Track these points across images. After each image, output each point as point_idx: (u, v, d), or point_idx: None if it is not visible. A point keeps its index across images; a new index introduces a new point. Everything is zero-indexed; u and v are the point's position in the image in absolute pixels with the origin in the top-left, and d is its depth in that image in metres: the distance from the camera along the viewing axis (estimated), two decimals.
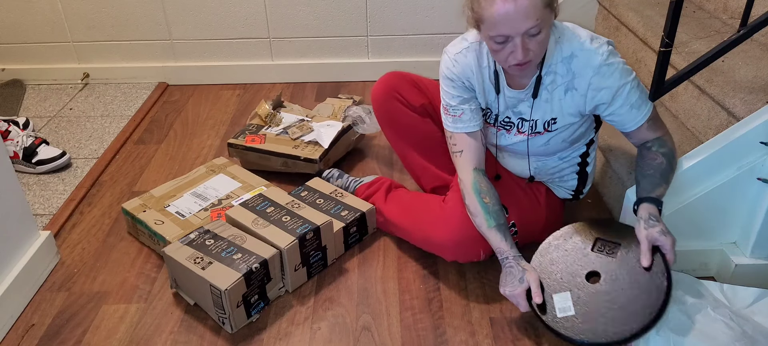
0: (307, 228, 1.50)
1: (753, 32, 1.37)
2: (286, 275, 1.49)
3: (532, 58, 1.24)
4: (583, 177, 1.58)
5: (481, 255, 1.48)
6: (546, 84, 1.36)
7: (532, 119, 1.41)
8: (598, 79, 1.31)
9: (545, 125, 1.42)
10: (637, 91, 1.34)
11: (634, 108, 1.35)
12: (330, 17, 2.56)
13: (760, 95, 1.49)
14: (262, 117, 2.08)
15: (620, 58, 1.34)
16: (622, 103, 1.34)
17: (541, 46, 1.24)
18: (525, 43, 1.20)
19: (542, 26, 1.20)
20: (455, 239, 1.45)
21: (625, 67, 1.33)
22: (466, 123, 1.43)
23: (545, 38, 1.24)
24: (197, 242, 1.46)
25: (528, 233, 1.54)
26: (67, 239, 1.73)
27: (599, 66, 1.30)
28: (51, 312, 1.48)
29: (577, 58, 1.32)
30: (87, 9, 2.55)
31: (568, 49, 1.32)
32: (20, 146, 2.02)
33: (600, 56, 1.30)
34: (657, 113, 1.39)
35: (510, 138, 1.47)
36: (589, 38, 1.32)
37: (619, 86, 1.32)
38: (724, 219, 1.47)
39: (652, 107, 1.38)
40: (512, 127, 1.46)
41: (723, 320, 1.25)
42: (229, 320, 1.37)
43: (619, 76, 1.31)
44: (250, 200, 1.62)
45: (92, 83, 2.69)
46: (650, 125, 1.38)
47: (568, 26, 1.35)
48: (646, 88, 1.40)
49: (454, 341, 1.38)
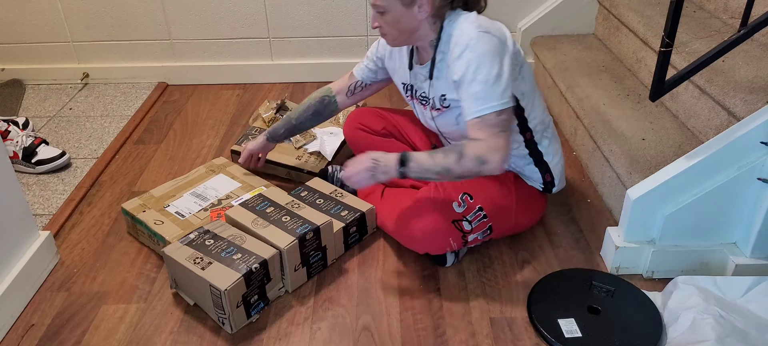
0: (306, 228, 1.50)
1: (753, 32, 1.37)
2: (286, 276, 1.49)
3: (387, 32, 1.44)
4: (544, 166, 1.58)
5: (452, 245, 1.50)
6: (438, 62, 1.46)
7: (431, 97, 1.52)
8: (457, 60, 1.37)
9: (441, 101, 1.49)
10: (483, 86, 1.33)
11: (472, 100, 1.35)
12: (330, 17, 2.56)
13: (761, 95, 1.49)
14: (265, 120, 2.08)
15: (489, 50, 1.33)
16: (465, 90, 1.37)
17: (391, 27, 1.42)
18: (375, 15, 1.43)
19: (387, 9, 1.39)
20: (424, 230, 1.47)
21: (491, 60, 1.33)
22: (359, 66, 1.73)
23: (394, 21, 1.40)
24: (197, 242, 1.46)
25: (501, 220, 1.55)
26: (66, 239, 1.73)
27: (464, 46, 1.35)
28: (51, 312, 1.48)
29: (453, 37, 1.40)
30: (87, 9, 2.54)
31: (453, 30, 1.40)
32: (20, 146, 2.02)
33: (468, 39, 1.35)
34: (498, 122, 1.33)
35: (425, 114, 1.59)
36: (476, 26, 1.36)
37: (468, 72, 1.35)
38: (724, 219, 1.47)
39: (495, 114, 1.33)
40: (427, 103, 1.55)
41: (712, 318, 1.27)
42: (228, 321, 1.37)
43: (474, 63, 1.34)
44: (250, 200, 1.62)
45: (92, 83, 2.68)
46: (478, 127, 1.34)
47: (470, 15, 1.41)
48: (647, 89, 1.40)
49: (454, 341, 1.38)
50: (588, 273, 1.53)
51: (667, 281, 1.45)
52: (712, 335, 1.23)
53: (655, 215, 1.48)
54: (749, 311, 1.32)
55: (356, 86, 1.73)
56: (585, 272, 1.54)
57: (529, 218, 1.63)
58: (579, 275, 1.53)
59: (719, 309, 1.30)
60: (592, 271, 1.55)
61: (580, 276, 1.52)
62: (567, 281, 1.51)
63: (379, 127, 1.76)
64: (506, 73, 1.34)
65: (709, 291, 1.37)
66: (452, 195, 1.49)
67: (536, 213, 1.66)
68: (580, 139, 2.03)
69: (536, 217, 1.67)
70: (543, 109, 1.56)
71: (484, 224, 1.51)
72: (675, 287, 1.40)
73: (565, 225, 1.74)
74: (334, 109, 1.75)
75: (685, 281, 1.39)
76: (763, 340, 1.24)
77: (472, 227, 1.50)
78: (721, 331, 1.24)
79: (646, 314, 1.39)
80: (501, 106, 1.33)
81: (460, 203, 1.49)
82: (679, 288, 1.39)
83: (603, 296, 1.45)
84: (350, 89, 1.73)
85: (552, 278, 1.52)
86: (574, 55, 2.35)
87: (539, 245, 1.67)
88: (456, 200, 1.49)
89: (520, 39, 2.58)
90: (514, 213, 1.57)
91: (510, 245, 1.66)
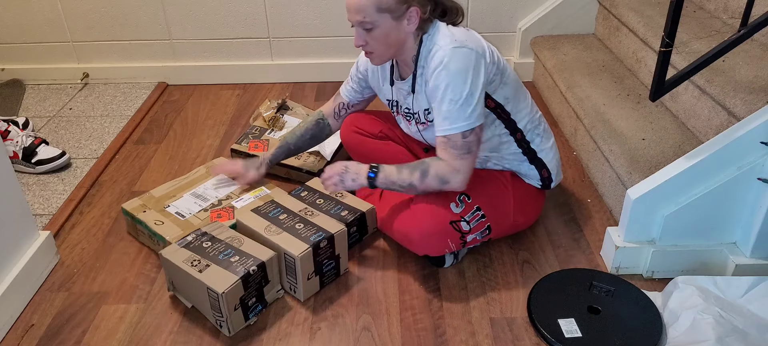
0: (321, 236, 1.48)
1: (753, 32, 1.37)
2: (299, 284, 1.47)
3: (374, 50, 1.43)
4: (539, 163, 1.58)
5: (450, 246, 1.49)
6: (418, 76, 1.47)
7: (415, 111, 1.53)
8: (432, 75, 1.39)
9: (425, 115, 1.51)
10: (451, 106, 1.36)
11: (441, 118, 1.38)
12: (330, 17, 2.56)
13: (761, 95, 1.49)
14: (266, 119, 2.08)
15: (462, 68, 1.34)
16: (436, 108, 1.39)
17: (379, 43, 1.41)
18: (360, 33, 1.41)
19: (375, 25, 1.37)
20: (422, 232, 1.47)
21: (463, 79, 1.35)
22: (344, 87, 1.74)
23: (383, 36, 1.39)
24: (195, 245, 1.46)
25: (499, 219, 1.55)
26: (66, 239, 1.73)
27: (439, 62, 1.36)
28: (50, 312, 1.48)
29: (431, 52, 1.41)
30: (87, 9, 2.54)
31: (432, 44, 1.41)
32: (20, 146, 2.02)
33: (443, 54, 1.36)
34: (465, 144, 1.37)
35: (411, 128, 1.60)
36: (450, 39, 1.37)
37: (439, 89, 1.37)
38: (724, 219, 1.47)
39: (460, 135, 1.37)
40: (411, 118, 1.56)
41: (712, 318, 1.27)
42: (226, 323, 1.37)
43: (445, 81, 1.36)
44: (263, 206, 1.61)
45: (92, 83, 2.68)
46: (443, 146, 1.39)
47: (448, 28, 1.41)
48: (647, 89, 1.40)
49: (454, 341, 1.38)
50: (588, 273, 1.53)
51: (667, 281, 1.45)
52: (712, 335, 1.23)
53: (655, 215, 1.48)
54: (749, 311, 1.32)
55: (341, 107, 1.75)
56: (585, 272, 1.54)
57: (527, 217, 1.63)
58: (579, 275, 1.53)
59: (719, 309, 1.30)
60: (592, 271, 1.55)
61: (580, 276, 1.52)
62: (567, 281, 1.51)
63: (375, 130, 1.75)
64: (478, 90, 1.37)
65: (709, 291, 1.37)
66: (450, 196, 1.49)
67: (535, 212, 1.65)
68: (581, 139, 2.03)
69: (535, 216, 1.67)
70: (530, 108, 1.56)
71: (482, 224, 1.51)
72: (675, 287, 1.40)
73: (565, 225, 1.74)
74: (328, 131, 1.78)
75: (685, 281, 1.39)
76: (764, 340, 1.24)
77: (470, 228, 1.50)
78: (721, 331, 1.24)
79: (646, 314, 1.39)
80: (468, 126, 1.37)
81: (458, 203, 1.49)
82: (679, 288, 1.39)
83: (603, 296, 1.45)
84: (336, 111, 1.76)
85: (552, 278, 1.52)
86: (574, 55, 2.35)
87: (539, 245, 1.67)
88: (453, 200, 1.49)
89: (520, 39, 2.58)
90: (512, 212, 1.57)
91: (510, 245, 1.66)
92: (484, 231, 1.53)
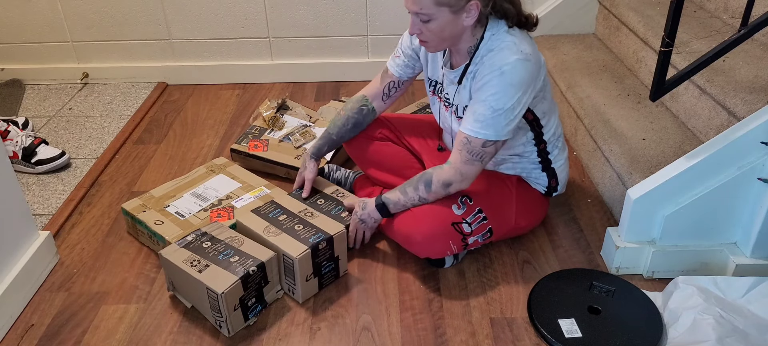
0: (320, 237, 1.47)
1: (754, 32, 1.37)
2: (297, 286, 1.46)
3: (428, 40, 1.39)
4: (551, 172, 1.59)
5: (452, 248, 1.49)
6: (469, 74, 1.43)
7: (455, 103, 1.51)
8: (486, 76, 1.36)
9: (463, 110, 1.48)
10: (490, 112, 1.35)
11: (474, 119, 1.37)
12: (330, 17, 2.56)
13: (761, 95, 1.49)
14: (265, 119, 2.08)
15: (517, 82, 1.33)
16: (474, 102, 1.39)
17: (434, 35, 1.37)
18: (416, 22, 1.37)
19: (433, 17, 1.33)
20: (424, 234, 1.47)
21: (513, 93, 1.34)
22: (394, 63, 1.64)
23: (439, 29, 1.35)
24: (194, 245, 1.45)
25: (501, 222, 1.55)
26: (66, 239, 1.73)
27: (498, 69, 1.34)
28: (50, 312, 1.48)
29: (492, 53, 1.37)
30: (86, 9, 2.54)
31: (494, 45, 1.38)
32: (19, 146, 2.02)
33: (504, 63, 1.34)
34: (481, 152, 1.39)
35: (445, 114, 1.58)
36: (517, 50, 1.34)
37: (487, 91, 1.35)
38: (724, 219, 1.47)
39: (482, 142, 1.37)
40: (449, 106, 1.54)
41: (713, 318, 1.27)
42: (226, 324, 1.37)
43: (496, 87, 1.34)
44: (262, 206, 1.60)
45: (91, 83, 2.68)
46: (461, 145, 1.39)
47: (516, 34, 1.38)
48: (647, 88, 1.40)
49: (454, 342, 1.38)
50: (588, 273, 1.53)
51: (668, 281, 1.45)
52: (712, 335, 1.23)
53: (656, 215, 1.48)
54: (749, 312, 1.32)
55: (392, 86, 1.65)
56: (585, 272, 1.54)
57: (529, 221, 1.63)
58: (579, 275, 1.53)
59: (720, 309, 1.30)
60: (593, 271, 1.55)
61: (581, 276, 1.52)
62: (567, 281, 1.51)
63: (375, 132, 1.74)
64: (520, 107, 1.36)
65: (710, 291, 1.37)
66: (452, 197, 1.49)
67: (537, 216, 1.65)
68: (581, 139, 2.03)
69: (537, 220, 1.66)
70: (558, 122, 1.57)
71: (484, 226, 1.51)
72: (675, 287, 1.40)
73: (565, 225, 1.74)
74: (372, 116, 1.70)
75: (686, 281, 1.39)
76: (764, 340, 1.24)
77: (472, 229, 1.49)
78: (721, 331, 1.24)
79: (646, 315, 1.39)
80: (495, 137, 1.37)
81: (460, 205, 1.48)
82: (680, 288, 1.39)
83: (603, 296, 1.45)
84: (386, 91, 1.66)
85: (552, 278, 1.52)
86: (575, 55, 2.34)
87: (539, 245, 1.66)
88: (455, 202, 1.48)
89: None
90: (514, 215, 1.57)
91: (510, 245, 1.66)
92: (485, 233, 1.53)
